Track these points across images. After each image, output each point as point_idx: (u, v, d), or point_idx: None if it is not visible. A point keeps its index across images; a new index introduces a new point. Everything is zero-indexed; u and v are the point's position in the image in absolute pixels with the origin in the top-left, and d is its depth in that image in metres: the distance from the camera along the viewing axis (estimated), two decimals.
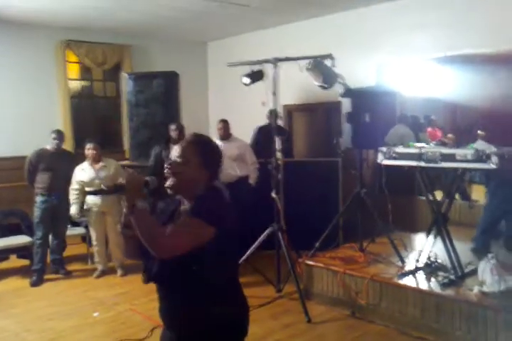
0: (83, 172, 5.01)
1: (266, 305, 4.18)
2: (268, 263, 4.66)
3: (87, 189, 5.02)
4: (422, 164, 3.72)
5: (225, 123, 5.29)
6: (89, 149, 5.03)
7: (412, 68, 6.15)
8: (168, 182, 1.78)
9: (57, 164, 5.03)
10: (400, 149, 3.91)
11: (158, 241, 1.65)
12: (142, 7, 5.86)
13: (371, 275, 3.87)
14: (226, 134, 5.25)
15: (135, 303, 4.28)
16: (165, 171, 1.80)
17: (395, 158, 3.90)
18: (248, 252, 4.44)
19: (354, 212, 4.49)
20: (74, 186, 5.01)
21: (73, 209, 5.00)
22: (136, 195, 1.67)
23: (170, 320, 1.85)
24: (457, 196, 5.28)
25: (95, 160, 5.04)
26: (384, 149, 3.96)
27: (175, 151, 1.81)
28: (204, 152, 1.82)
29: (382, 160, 3.96)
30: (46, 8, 5.79)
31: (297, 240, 4.53)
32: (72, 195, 5.01)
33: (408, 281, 3.74)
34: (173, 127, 5.25)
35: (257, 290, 4.41)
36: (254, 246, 4.47)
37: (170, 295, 1.81)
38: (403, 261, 4.11)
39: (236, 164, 5.14)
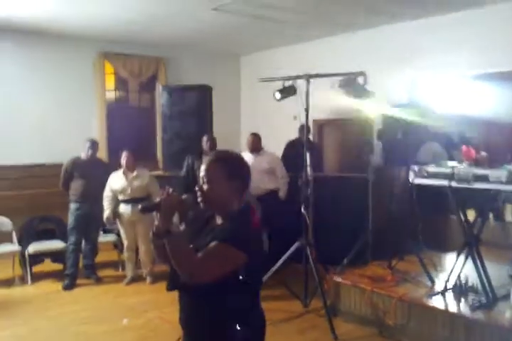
0: (117, 180, 5.12)
1: (292, 319, 4.19)
2: (295, 276, 4.68)
3: (119, 197, 5.14)
4: (454, 184, 3.69)
5: (255, 136, 5.35)
6: (124, 157, 5.15)
7: (446, 85, 6.11)
8: (199, 199, 1.84)
9: (90, 172, 5.17)
10: (432, 168, 3.89)
11: (189, 268, 1.68)
12: (178, 22, 6.03)
13: (399, 295, 3.84)
14: (256, 147, 5.31)
15: (164, 311, 4.34)
16: (196, 189, 1.86)
17: (426, 177, 3.89)
18: (276, 266, 4.47)
19: (384, 229, 4.48)
20: (107, 193, 5.13)
21: (106, 217, 5.12)
22: (171, 215, 1.71)
23: (190, 330, 1.89)
24: (491, 216, 5.19)
25: (129, 168, 5.15)
26: (415, 168, 3.95)
27: (202, 168, 1.87)
28: (227, 167, 1.86)
29: (414, 179, 3.96)
30: (86, 22, 6.01)
31: (325, 255, 4.53)
32: (105, 202, 5.13)
33: (437, 302, 3.70)
34: (205, 139, 5.35)
35: (283, 303, 4.43)
36: (281, 260, 4.49)
37: (193, 305, 1.84)
38: (432, 281, 4.07)
39: (266, 177, 5.20)
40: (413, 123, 4.76)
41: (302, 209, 4.48)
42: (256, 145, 5.33)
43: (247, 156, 5.17)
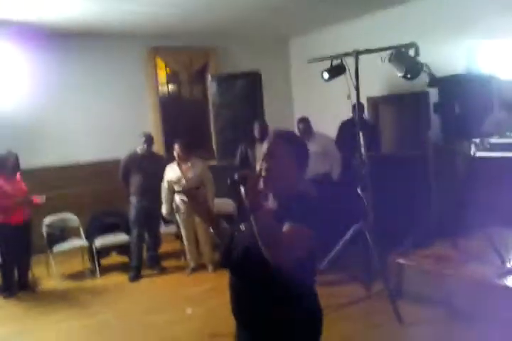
0: (171, 172, 5.18)
1: (354, 303, 4.10)
2: (355, 260, 4.57)
3: (175, 188, 5.18)
4: None
5: (304, 122, 5.19)
6: (175, 150, 5.20)
7: (506, 51, 5.68)
8: (262, 178, 1.73)
9: (147, 166, 5.26)
10: (495, 139, 3.64)
11: (280, 247, 1.55)
12: (221, 11, 5.99)
13: (467, 275, 3.64)
14: (306, 134, 5.15)
15: (226, 298, 4.37)
16: (258, 168, 1.79)
17: (489, 150, 3.65)
18: (335, 250, 4.38)
19: (448, 207, 4.26)
20: (164, 185, 5.21)
21: (164, 209, 5.22)
22: (258, 190, 1.60)
23: (246, 317, 1.83)
24: None
25: (182, 159, 5.18)
26: (477, 140, 3.71)
27: (263, 148, 1.81)
28: (291, 145, 1.81)
29: (476, 152, 3.72)
30: (131, 20, 6.11)
31: (387, 237, 4.38)
32: (163, 194, 5.21)
33: (508, 282, 3.48)
34: (256, 126, 5.31)
35: (345, 288, 4.35)
36: (340, 243, 4.39)
37: (249, 289, 1.78)
38: (502, 260, 3.82)
39: (320, 161, 5.07)
40: (472, 94, 4.47)
41: (359, 191, 4.34)
42: (307, 130, 5.19)
43: None
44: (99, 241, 5.47)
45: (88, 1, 5.18)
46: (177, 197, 5.17)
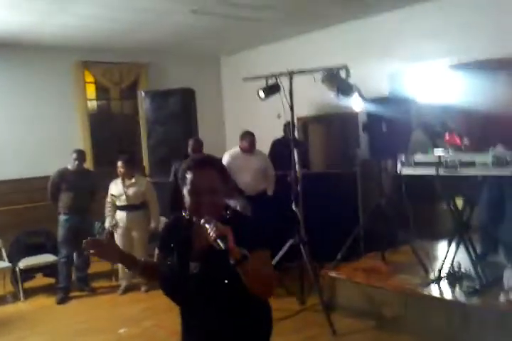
0: (115, 187, 5.16)
1: (289, 317, 4.18)
2: (290, 275, 4.66)
3: (116, 203, 5.15)
4: (442, 172, 3.71)
5: (252, 136, 5.26)
6: (118, 166, 5.14)
7: (425, 75, 6.15)
8: (207, 211, 1.66)
9: (78, 183, 5.12)
10: (419, 157, 3.90)
11: (271, 283, 1.66)
12: (156, 27, 6.01)
13: (395, 286, 3.85)
14: (253, 148, 5.22)
15: (161, 319, 4.31)
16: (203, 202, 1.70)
17: (414, 167, 3.90)
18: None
19: (375, 222, 4.48)
20: (108, 199, 5.17)
21: (107, 222, 5.15)
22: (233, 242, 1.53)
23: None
24: None
25: (125, 176, 5.15)
26: (402, 158, 3.96)
27: (198, 178, 1.70)
28: (221, 172, 1.76)
29: (402, 169, 3.97)
30: (62, 32, 5.98)
31: (318, 252, 4.52)
32: (106, 208, 5.18)
33: (433, 291, 3.71)
34: (190, 142, 5.33)
35: (279, 302, 4.37)
36: (276, 258, 4.47)
37: (225, 313, 1.73)
38: (427, 270, 4.08)
39: (260, 177, 5.18)
40: (396, 115, 4.77)
41: (293, 207, 4.46)
42: (253, 145, 5.24)
43: (240, 156, 5.14)
44: (23, 263, 5.16)
45: (13, 12, 5.00)
46: (118, 213, 5.13)
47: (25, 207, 6.23)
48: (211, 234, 1.53)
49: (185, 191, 1.72)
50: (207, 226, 1.56)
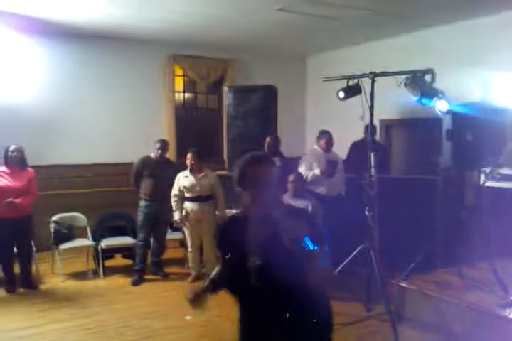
0: (185, 179, 5.23)
1: (354, 323, 4.12)
2: (357, 280, 4.58)
3: (186, 195, 5.24)
4: None
5: (329, 135, 5.44)
6: (188, 159, 5.24)
7: None
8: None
9: (159, 172, 5.32)
10: (505, 170, 3.68)
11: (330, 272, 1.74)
12: (243, 24, 6.13)
13: (470, 303, 3.66)
14: (330, 146, 5.43)
15: (224, 310, 4.38)
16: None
17: (498, 180, 3.69)
18: (338, 268, 4.40)
19: (453, 234, 4.28)
20: (175, 192, 5.24)
21: (176, 215, 5.24)
22: None
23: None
24: None
25: (195, 170, 5.23)
26: (487, 170, 3.76)
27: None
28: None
29: (485, 182, 3.76)
30: (153, 27, 6.25)
31: (389, 260, 4.40)
32: (174, 201, 5.25)
33: (510, 313, 3.49)
34: (268, 139, 5.38)
35: (345, 306, 4.35)
36: (345, 262, 4.42)
37: (275, 311, 1.80)
38: (506, 291, 3.84)
39: (342, 177, 5.33)
40: (485, 124, 4.51)
41: (366, 212, 4.38)
42: (332, 144, 5.43)
43: (323, 156, 5.34)
44: (105, 242, 5.52)
45: (112, 5, 5.30)
46: (187, 204, 5.23)
47: (110, 191, 6.63)
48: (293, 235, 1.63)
49: (246, 185, 1.80)
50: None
